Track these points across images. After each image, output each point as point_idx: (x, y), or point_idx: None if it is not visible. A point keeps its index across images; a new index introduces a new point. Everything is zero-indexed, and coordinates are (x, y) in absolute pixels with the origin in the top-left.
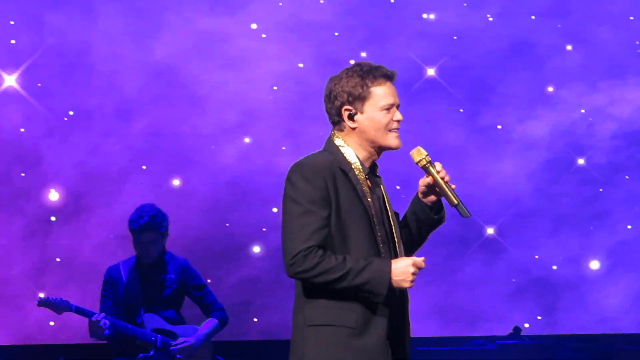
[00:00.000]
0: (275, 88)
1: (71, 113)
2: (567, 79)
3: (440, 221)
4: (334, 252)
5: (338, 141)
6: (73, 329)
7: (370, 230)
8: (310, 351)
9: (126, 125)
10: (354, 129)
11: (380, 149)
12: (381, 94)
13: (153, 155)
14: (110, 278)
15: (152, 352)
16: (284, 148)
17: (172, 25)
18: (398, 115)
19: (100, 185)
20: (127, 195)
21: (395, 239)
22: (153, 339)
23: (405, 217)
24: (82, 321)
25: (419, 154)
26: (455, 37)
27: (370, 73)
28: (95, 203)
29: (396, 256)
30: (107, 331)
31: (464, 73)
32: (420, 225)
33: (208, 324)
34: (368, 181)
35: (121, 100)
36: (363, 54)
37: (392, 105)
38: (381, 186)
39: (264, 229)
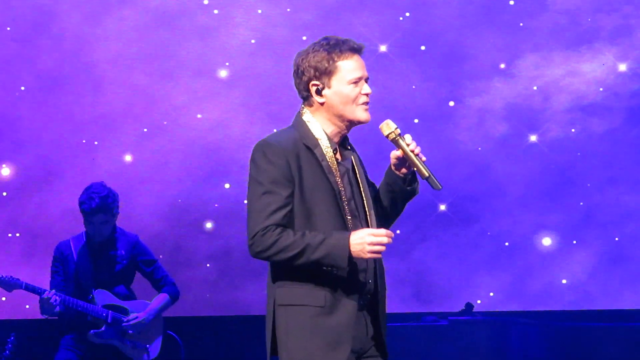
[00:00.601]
0: (227, 64)
1: (22, 88)
2: (521, 54)
3: (413, 193)
4: (300, 230)
5: (306, 116)
6: (23, 306)
7: (337, 206)
8: (280, 331)
9: (79, 100)
10: (322, 104)
11: (350, 123)
12: (348, 67)
13: (105, 131)
14: (61, 254)
15: (103, 328)
16: (234, 125)
17: None
18: (366, 89)
19: (52, 161)
20: (80, 170)
21: (367, 212)
22: (104, 314)
23: (379, 189)
24: (33, 298)
25: (388, 128)
26: (407, 14)
27: (336, 47)
28: (47, 178)
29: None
30: (58, 307)
31: (417, 48)
32: (395, 197)
33: (159, 300)
34: (338, 155)
35: (74, 75)
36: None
37: (359, 79)
38: (352, 158)
39: (216, 205)
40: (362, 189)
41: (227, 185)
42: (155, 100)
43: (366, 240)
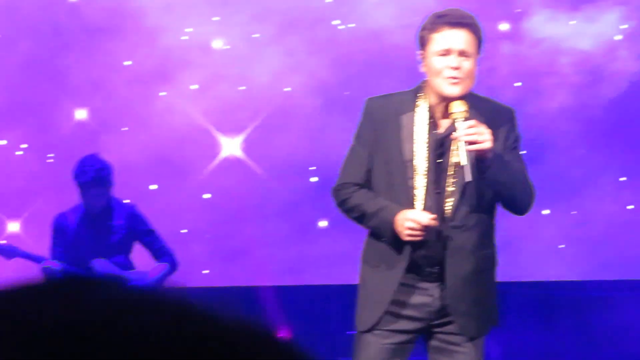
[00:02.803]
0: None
1: None
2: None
3: (489, 178)
4: (377, 192)
5: (424, 83)
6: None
7: (404, 175)
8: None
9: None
10: (426, 73)
11: (442, 96)
12: (438, 39)
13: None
14: (59, 226)
15: None
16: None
17: None
18: (452, 61)
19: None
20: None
21: (446, 188)
22: None
23: None
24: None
25: (457, 107)
26: None
27: (437, 18)
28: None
29: (439, 205)
30: (59, 275)
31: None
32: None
33: (158, 269)
34: (435, 124)
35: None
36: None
37: (447, 51)
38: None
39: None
40: (450, 164)
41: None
42: None
43: (405, 224)
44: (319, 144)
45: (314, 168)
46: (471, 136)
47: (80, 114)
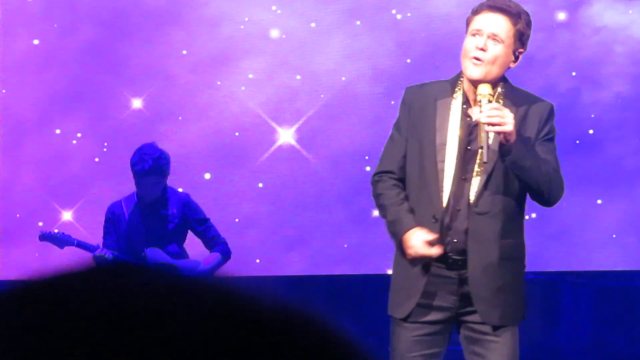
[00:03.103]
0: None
1: None
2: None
3: (510, 164)
4: (408, 176)
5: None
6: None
7: (434, 160)
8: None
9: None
10: None
11: (468, 79)
12: (476, 20)
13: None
14: (113, 215)
15: None
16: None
17: None
18: (479, 42)
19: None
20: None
21: (473, 174)
22: None
23: None
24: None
25: (482, 89)
26: None
27: (482, 3)
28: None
29: (463, 191)
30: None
31: None
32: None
33: (211, 258)
34: (468, 111)
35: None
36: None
37: (478, 31)
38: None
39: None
40: (481, 151)
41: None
42: None
43: (409, 251)
44: (374, 133)
45: (368, 157)
46: (492, 118)
47: (137, 103)
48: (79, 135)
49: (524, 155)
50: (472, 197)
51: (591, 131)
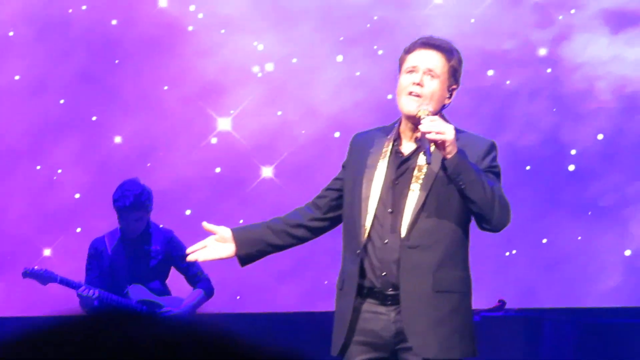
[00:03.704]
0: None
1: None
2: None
3: (451, 179)
4: (343, 215)
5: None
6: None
7: (358, 198)
8: None
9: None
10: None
11: (404, 115)
12: (410, 58)
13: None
14: (95, 251)
15: None
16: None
17: None
18: (415, 77)
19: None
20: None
21: (402, 208)
22: (139, 309)
23: None
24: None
25: (423, 110)
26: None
27: (414, 42)
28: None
29: (393, 225)
30: (96, 302)
31: None
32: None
33: (194, 295)
34: (400, 152)
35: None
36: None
37: (414, 68)
38: (420, 158)
39: None
40: (410, 189)
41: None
42: None
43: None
44: None
45: None
46: (432, 127)
47: (118, 139)
48: (59, 171)
49: (467, 167)
50: (403, 231)
51: (572, 167)
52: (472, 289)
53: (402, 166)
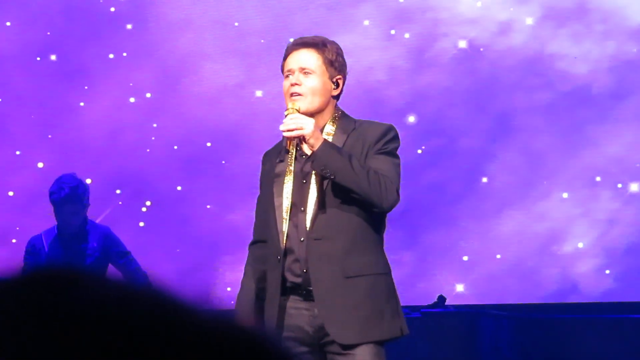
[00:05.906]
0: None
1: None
2: None
3: (318, 170)
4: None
5: None
6: None
7: (271, 204)
8: None
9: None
10: None
11: None
12: (284, 64)
13: None
14: (33, 248)
15: None
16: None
17: None
18: (293, 79)
19: None
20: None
21: (307, 205)
22: None
23: None
24: None
25: (289, 107)
26: None
27: (288, 47)
28: None
29: (301, 221)
30: None
31: None
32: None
33: None
34: (303, 153)
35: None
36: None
37: (290, 71)
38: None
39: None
40: (313, 184)
41: None
42: None
43: None
44: None
45: None
46: (289, 125)
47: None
48: None
49: (332, 157)
50: (307, 224)
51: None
52: (390, 270)
53: (305, 165)
